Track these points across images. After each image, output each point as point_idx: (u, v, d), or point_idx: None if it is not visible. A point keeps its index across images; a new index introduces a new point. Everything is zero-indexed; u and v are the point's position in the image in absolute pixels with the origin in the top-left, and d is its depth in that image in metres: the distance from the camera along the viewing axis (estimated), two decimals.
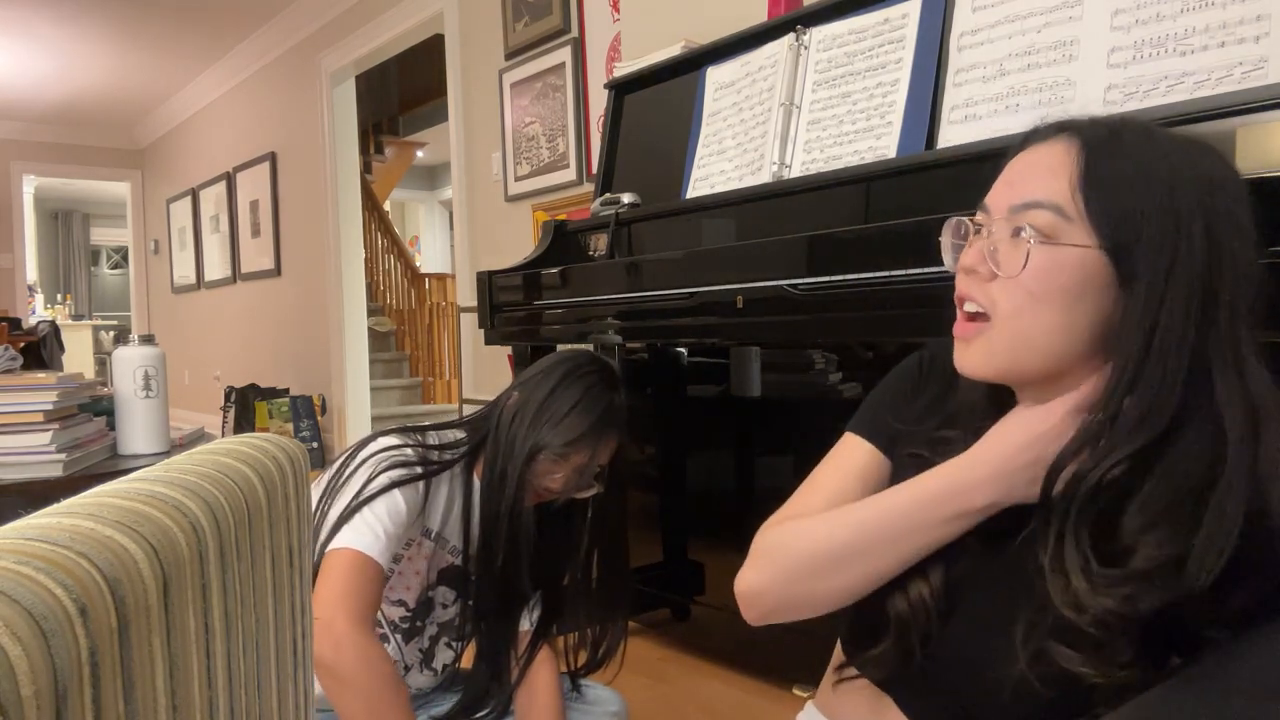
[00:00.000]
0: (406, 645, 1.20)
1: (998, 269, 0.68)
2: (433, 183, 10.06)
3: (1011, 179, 0.71)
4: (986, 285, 0.69)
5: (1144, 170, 0.66)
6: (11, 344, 2.19)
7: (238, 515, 0.49)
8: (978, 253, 0.70)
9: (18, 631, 0.29)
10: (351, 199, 5.39)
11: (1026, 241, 0.67)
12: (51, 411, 1.45)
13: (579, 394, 1.15)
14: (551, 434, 1.14)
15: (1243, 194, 0.67)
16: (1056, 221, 0.66)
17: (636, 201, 1.98)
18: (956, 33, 1.45)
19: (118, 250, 11.35)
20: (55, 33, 5.65)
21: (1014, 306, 0.68)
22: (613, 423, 1.17)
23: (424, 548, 1.17)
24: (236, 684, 0.49)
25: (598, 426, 1.15)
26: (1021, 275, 0.67)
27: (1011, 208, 0.69)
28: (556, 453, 1.14)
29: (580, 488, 1.19)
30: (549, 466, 1.15)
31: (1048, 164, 0.69)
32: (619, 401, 1.18)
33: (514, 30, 3.67)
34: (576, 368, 1.18)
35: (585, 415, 1.14)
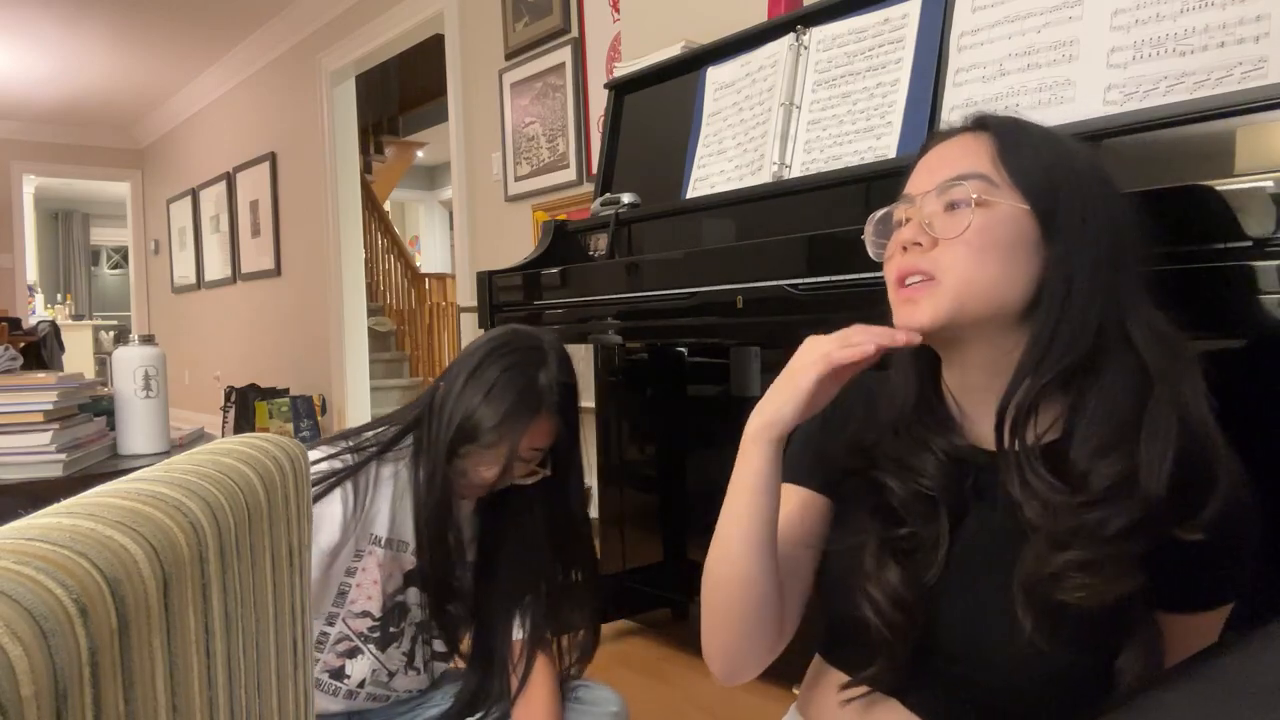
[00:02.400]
0: (384, 652, 1.17)
1: (939, 235, 0.75)
2: (433, 183, 10.05)
3: (931, 167, 0.79)
4: (929, 253, 0.75)
5: (1048, 144, 0.76)
6: (11, 344, 2.19)
7: (238, 515, 0.49)
8: (915, 227, 0.76)
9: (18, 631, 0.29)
10: (351, 199, 5.39)
11: (968, 205, 0.73)
12: (51, 411, 1.45)
13: (496, 376, 1.10)
14: (470, 421, 1.08)
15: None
16: (986, 186, 0.74)
17: (636, 201, 1.98)
18: (956, 33, 1.45)
19: (118, 250, 11.35)
20: (55, 33, 5.64)
21: (959, 262, 0.73)
22: (536, 403, 1.10)
23: (376, 555, 1.13)
24: (236, 684, 0.49)
25: (518, 409, 1.08)
26: (964, 234, 0.73)
27: (939, 185, 0.76)
28: (479, 440, 1.08)
29: (520, 475, 1.13)
30: (477, 455, 1.10)
31: (962, 150, 0.78)
32: (545, 380, 1.11)
33: (514, 30, 3.67)
34: (495, 349, 1.13)
35: (502, 398, 1.08)
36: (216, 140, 6.90)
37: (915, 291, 0.75)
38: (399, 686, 1.21)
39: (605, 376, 2.41)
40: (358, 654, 1.16)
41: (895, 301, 0.78)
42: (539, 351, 1.14)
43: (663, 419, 2.29)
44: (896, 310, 0.77)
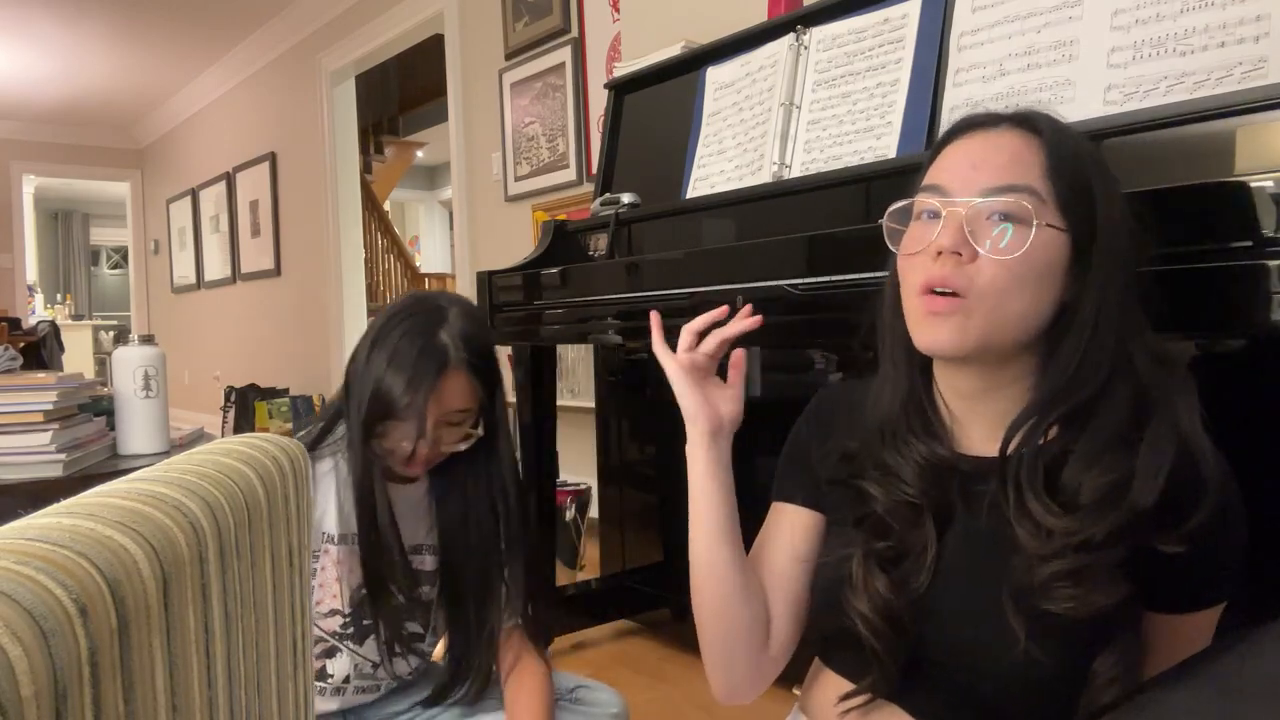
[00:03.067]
0: (361, 645, 1.16)
1: (984, 250, 0.69)
2: (433, 183, 10.05)
3: (974, 162, 0.72)
4: (964, 266, 0.70)
5: (1091, 161, 0.73)
6: (11, 344, 2.19)
7: (238, 515, 0.49)
8: (956, 232, 0.70)
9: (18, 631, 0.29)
10: (351, 199, 5.39)
11: (1018, 222, 0.69)
12: (51, 411, 1.45)
13: (396, 341, 1.07)
14: (379, 392, 1.05)
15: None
16: (1036, 205, 0.69)
17: (636, 201, 1.98)
18: (956, 33, 1.45)
19: (118, 250, 11.35)
20: (55, 32, 5.65)
21: (995, 286, 0.69)
22: (442, 360, 1.06)
23: (332, 554, 1.12)
24: (236, 684, 0.49)
25: (423, 369, 1.05)
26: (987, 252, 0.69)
27: (985, 189, 0.70)
28: (394, 411, 1.05)
29: (452, 441, 1.10)
30: (397, 428, 1.07)
31: (1012, 150, 0.72)
32: (447, 336, 1.07)
33: (514, 30, 3.67)
34: (393, 317, 1.10)
35: (406, 362, 1.05)
36: (216, 140, 6.90)
37: (941, 305, 0.70)
38: (385, 674, 1.20)
39: (605, 376, 2.41)
40: (336, 652, 1.16)
41: (916, 309, 0.73)
42: (439, 310, 1.10)
43: (663, 419, 2.29)
44: (917, 320, 0.73)
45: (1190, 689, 0.60)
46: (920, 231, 0.74)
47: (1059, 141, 0.72)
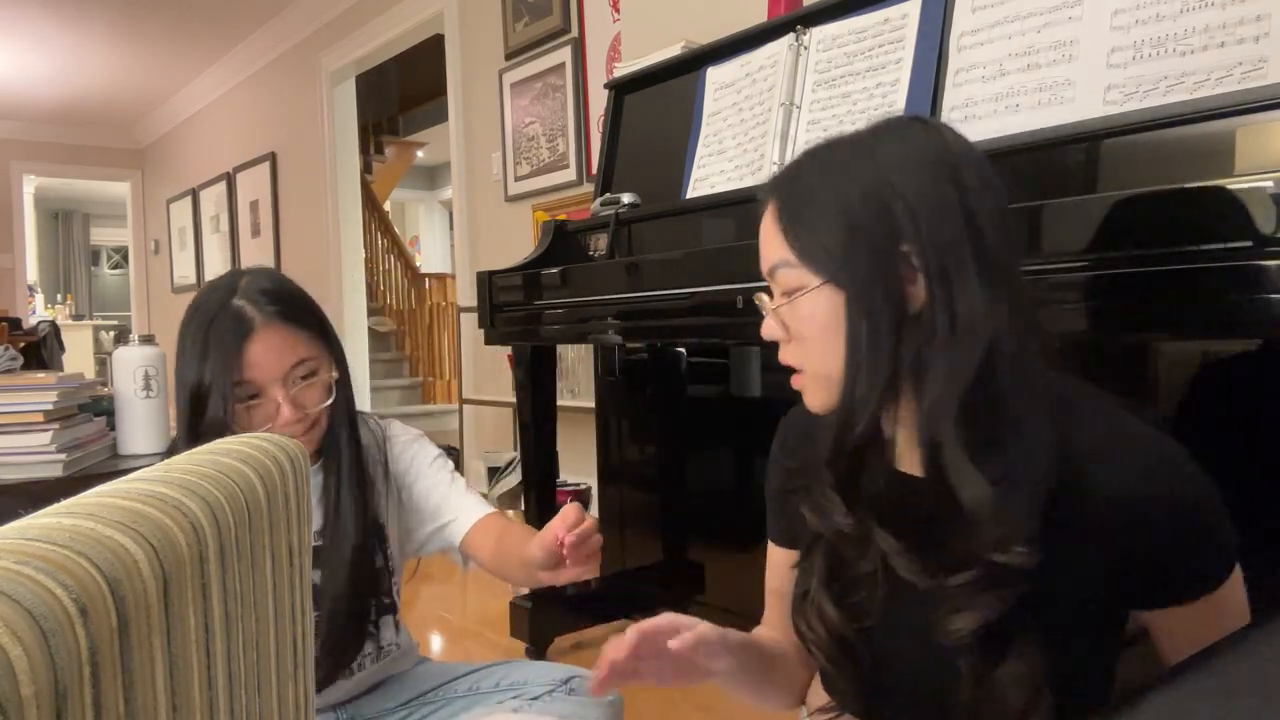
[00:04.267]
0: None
1: (783, 336, 0.76)
2: (433, 183, 10.05)
3: (761, 242, 0.78)
4: (785, 347, 0.76)
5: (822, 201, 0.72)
6: (11, 344, 2.19)
7: (238, 515, 0.49)
8: (766, 326, 0.77)
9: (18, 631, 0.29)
10: (351, 199, 5.39)
11: (785, 302, 0.75)
12: (51, 411, 1.45)
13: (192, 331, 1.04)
14: (204, 386, 1.02)
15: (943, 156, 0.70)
16: (796, 274, 0.73)
17: (636, 201, 1.98)
18: (956, 33, 1.45)
19: (118, 250, 11.35)
20: (55, 33, 5.64)
21: (806, 356, 0.75)
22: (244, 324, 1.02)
23: None
24: (236, 684, 0.49)
25: (230, 340, 1.01)
26: (793, 331, 0.75)
27: (767, 275, 0.77)
28: (233, 394, 1.02)
29: (316, 400, 1.08)
30: (251, 409, 1.04)
31: (767, 227, 0.76)
32: (240, 300, 1.03)
33: (514, 30, 3.67)
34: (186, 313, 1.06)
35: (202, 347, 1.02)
36: (216, 140, 6.90)
37: (796, 380, 0.76)
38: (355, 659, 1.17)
39: (605, 376, 2.41)
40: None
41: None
42: (225, 286, 1.07)
43: (663, 419, 2.29)
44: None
45: (1190, 689, 0.60)
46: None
47: (788, 197, 0.74)
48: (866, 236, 0.69)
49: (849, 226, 0.70)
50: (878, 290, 0.69)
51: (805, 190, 0.74)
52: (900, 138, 0.72)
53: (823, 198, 0.72)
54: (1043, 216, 1.07)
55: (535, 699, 1.22)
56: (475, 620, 2.53)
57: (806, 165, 0.75)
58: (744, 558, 1.90)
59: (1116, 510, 0.67)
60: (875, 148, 0.72)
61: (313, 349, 1.08)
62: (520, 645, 2.10)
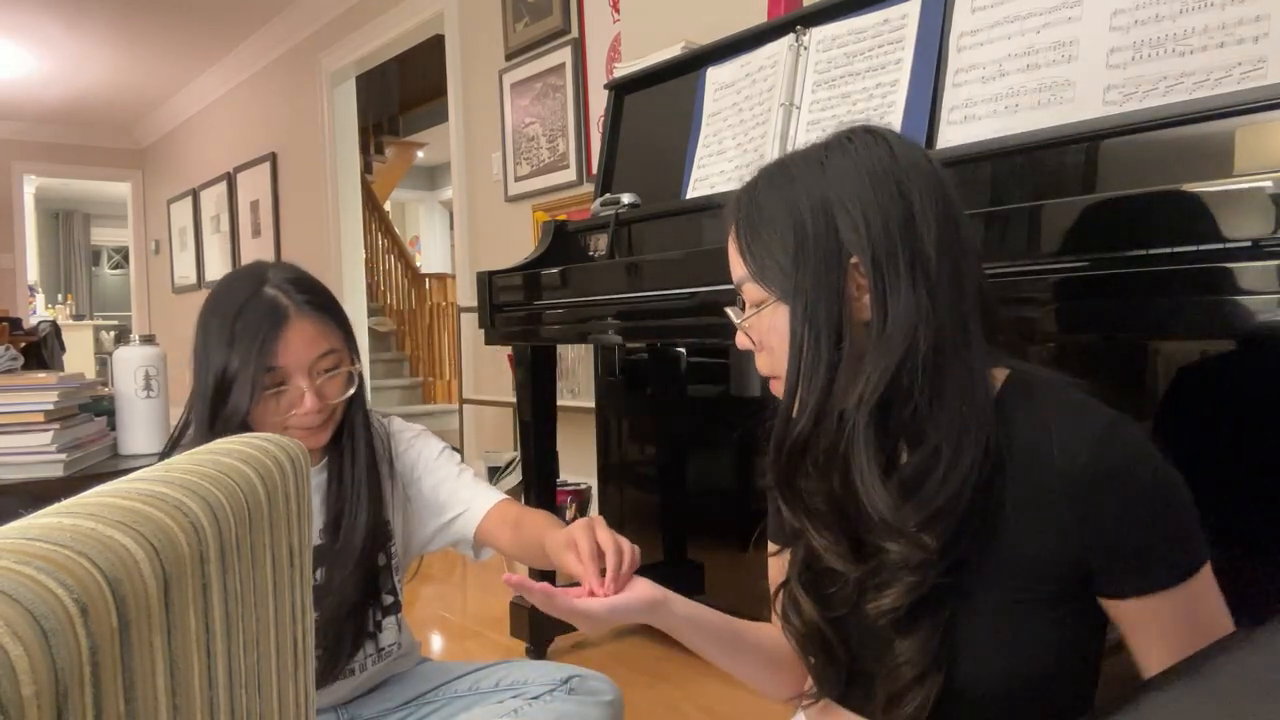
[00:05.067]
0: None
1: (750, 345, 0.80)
2: (433, 183, 10.05)
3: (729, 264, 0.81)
4: (759, 356, 0.80)
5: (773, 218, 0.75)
6: (12, 344, 2.20)
7: (238, 515, 0.49)
8: (739, 338, 0.82)
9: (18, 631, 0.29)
10: (351, 199, 5.39)
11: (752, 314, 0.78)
12: (52, 411, 1.46)
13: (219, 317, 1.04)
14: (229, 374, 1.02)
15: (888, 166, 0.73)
16: (756, 289, 0.76)
17: (636, 201, 1.99)
18: (956, 33, 1.45)
19: (118, 250, 11.35)
20: (56, 33, 5.65)
21: (774, 364, 0.77)
22: (273, 314, 1.03)
23: None
24: (237, 684, 0.49)
25: (263, 328, 1.02)
26: (761, 342, 0.78)
27: (736, 289, 0.80)
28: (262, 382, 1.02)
29: (338, 391, 1.08)
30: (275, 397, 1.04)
31: (731, 245, 0.80)
32: (271, 290, 1.04)
33: (514, 30, 3.67)
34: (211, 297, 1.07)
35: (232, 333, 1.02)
36: (217, 140, 6.90)
37: (774, 385, 0.78)
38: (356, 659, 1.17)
39: (605, 376, 2.41)
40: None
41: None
42: (255, 274, 1.08)
43: (663, 419, 2.29)
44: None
45: (1190, 689, 0.60)
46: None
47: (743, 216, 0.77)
48: (814, 250, 0.72)
49: (798, 241, 0.73)
50: (821, 302, 0.72)
51: (759, 209, 0.76)
52: (846, 151, 0.75)
53: (774, 214, 0.75)
54: (1042, 216, 1.07)
55: (535, 699, 1.22)
56: (475, 620, 2.53)
57: (762, 184, 0.77)
58: (744, 558, 1.90)
59: (1067, 483, 0.68)
60: (824, 161, 0.74)
61: (337, 340, 1.09)
62: (521, 645, 2.11)
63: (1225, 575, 0.71)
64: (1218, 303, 0.90)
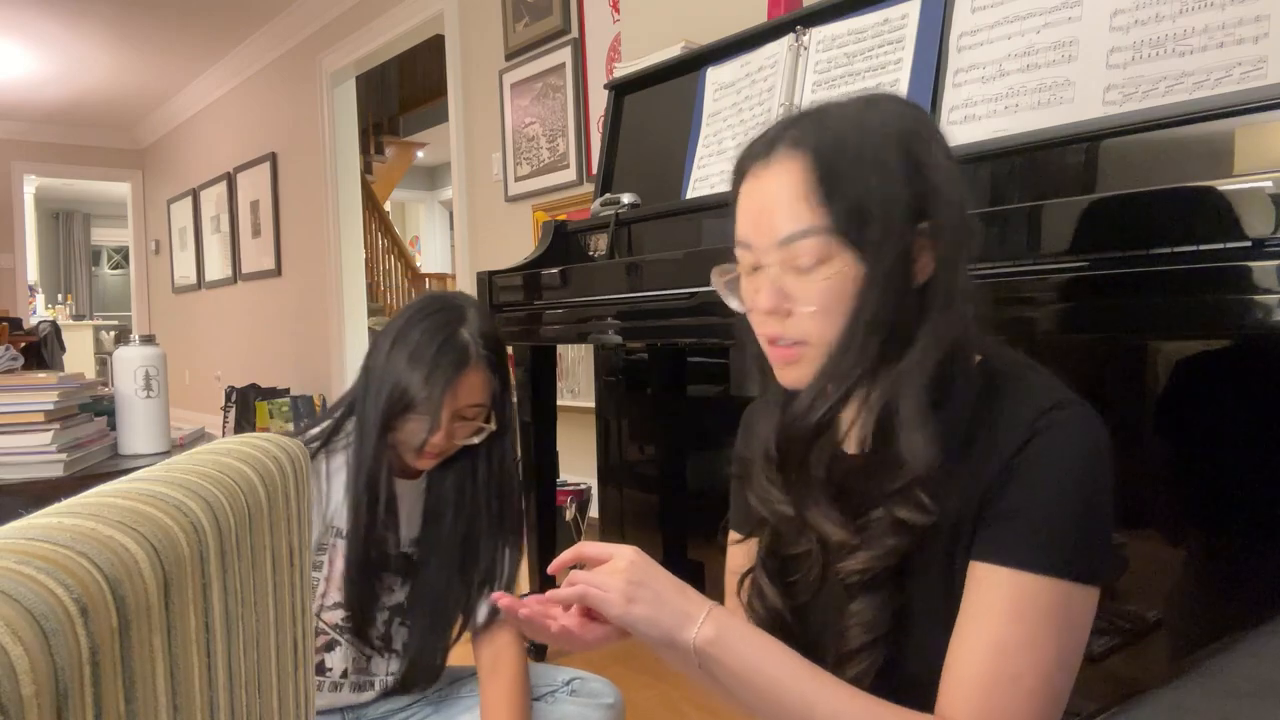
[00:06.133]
0: (360, 639, 1.18)
1: (794, 306, 0.71)
2: (433, 183, 10.05)
3: (762, 207, 0.72)
4: (788, 320, 0.72)
5: (862, 162, 0.69)
6: (12, 344, 2.19)
7: (238, 515, 0.49)
8: (771, 294, 0.72)
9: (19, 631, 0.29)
10: (351, 199, 5.40)
11: (825, 263, 0.70)
12: (52, 411, 1.46)
13: (418, 339, 1.10)
14: (399, 389, 1.08)
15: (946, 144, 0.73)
16: (821, 243, 0.69)
17: (636, 201, 1.99)
18: (956, 33, 1.45)
19: (118, 250, 11.35)
20: (55, 33, 5.65)
21: (819, 327, 0.71)
22: (463, 357, 1.09)
23: (340, 547, 1.15)
24: (237, 683, 0.49)
25: (445, 366, 1.08)
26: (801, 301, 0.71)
27: (778, 242, 0.71)
28: (414, 406, 1.08)
29: (465, 435, 1.13)
30: (416, 421, 1.10)
31: (790, 183, 0.71)
32: (468, 334, 1.11)
33: (514, 30, 3.67)
34: (414, 315, 1.13)
35: (428, 359, 1.08)
36: (217, 140, 6.90)
37: (789, 355, 0.73)
38: (379, 671, 1.21)
39: (605, 376, 2.41)
40: (335, 646, 1.17)
41: (771, 358, 0.74)
42: (458, 309, 1.13)
43: (663, 419, 2.29)
44: (776, 368, 0.75)
45: (1190, 689, 0.61)
46: (748, 285, 0.75)
47: (827, 152, 0.70)
48: (899, 210, 0.69)
49: (885, 199, 0.68)
50: (897, 264, 0.69)
51: (845, 144, 0.70)
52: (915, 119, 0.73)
53: (863, 159, 0.69)
54: (1042, 216, 1.07)
55: (537, 700, 1.23)
56: None
57: (843, 130, 0.71)
58: None
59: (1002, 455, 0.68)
60: (900, 125, 0.71)
61: (488, 397, 1.15)
62: None
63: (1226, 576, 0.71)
64: (1218, 303, 0.90)
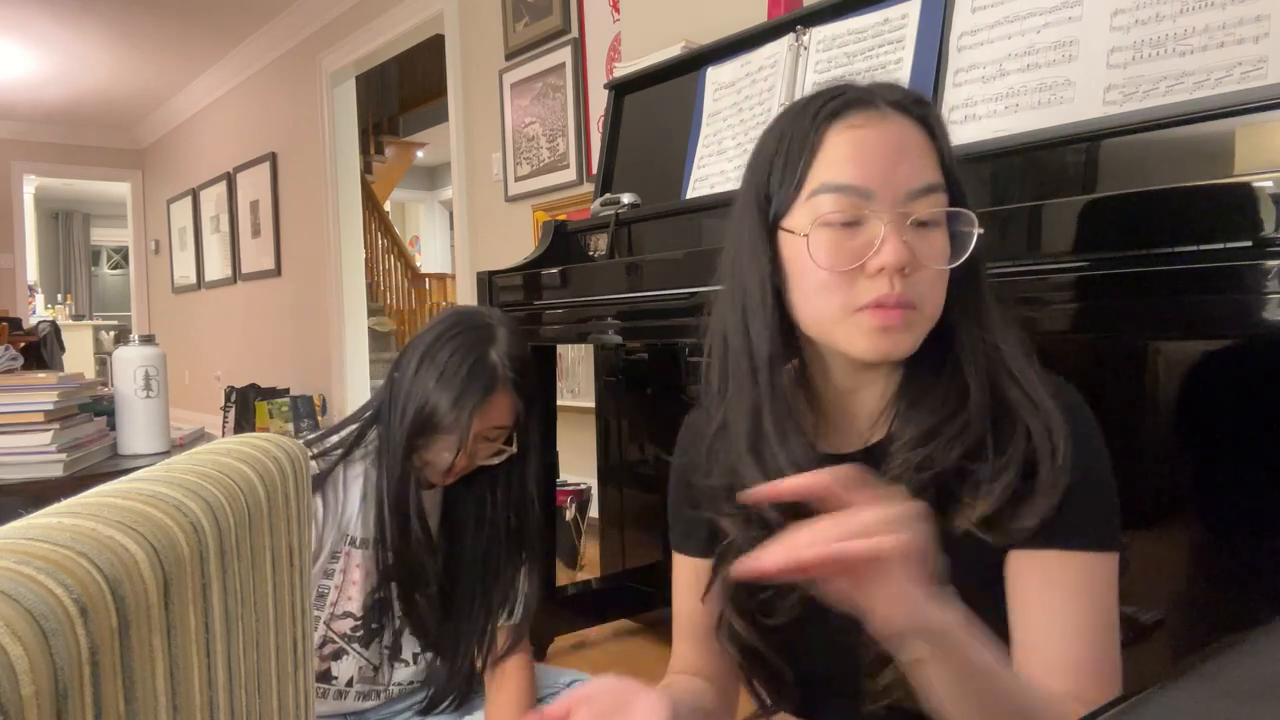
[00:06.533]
0: (368, 649, 1.17)
1: (926, 263, 0.66)
2: (433, 183, 10.05)
3: (889, 154, 0.67)
4: (908, 279, 0.66)
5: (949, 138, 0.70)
6: (12, 344, 2.19)
7: (238, 515, 0.49)
8: (902, 250, 0.65)
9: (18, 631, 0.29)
10: (351, 199, 5.40)
11: (943, 238, 0.67)
12: (52, 411, 1.46)
13: (446, 358, 1.09)
14: (426, 408, 1.08)
15: None
16: (940, 199, 0.67)
17: (636, 201, 1.98)
18: (956, 33, 1.45)
19: (118, 250, 11.35)
20: (56, 33, 5.65)
21: (936, 294, 0.68)
22: (490, 380, 1.09)
23: (354, 557, 1.14)
24: (236, 683, 0.49)
25: (473, 388, 1.07)
26: (921, 260, 0.66)
27: (911, 192, 0.66)
28: (438, 425, 1.08)
29: (486, 455, 1.13)
30: (440, 440, 1.10)
31: (916, 142, 0.68)
32: (496, 356, 1.10)
33: (514, 30, 3.67)
34: (443, 333, 1.12)
35: (455, 380, 1.08)
36: (217, 140, 6.90)
37: (897, 320, 0.66)
38: (386, 680, 1.21)
39: (605, 376, 2.41)
40: (343, 655, 1.17)
41: (863, 323, 0.66)
42: (488, 329, 1.12)
43: (663, 419, 2.29)
44: (862, 332, 0.66)
45: (1190, 689, 0.60)
46: (840, 240, 0.66)
47: (943, 127, 0.70)
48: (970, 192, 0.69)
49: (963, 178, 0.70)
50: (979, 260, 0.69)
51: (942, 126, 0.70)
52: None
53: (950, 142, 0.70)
54: (1042, 216, 1.07)
55: (539, 702, 1.23)
56: None
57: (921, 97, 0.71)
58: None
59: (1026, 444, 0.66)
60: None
61: (511, 420, 1.13)
62: None
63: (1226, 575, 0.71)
64: (1218, 303, 0.90)
